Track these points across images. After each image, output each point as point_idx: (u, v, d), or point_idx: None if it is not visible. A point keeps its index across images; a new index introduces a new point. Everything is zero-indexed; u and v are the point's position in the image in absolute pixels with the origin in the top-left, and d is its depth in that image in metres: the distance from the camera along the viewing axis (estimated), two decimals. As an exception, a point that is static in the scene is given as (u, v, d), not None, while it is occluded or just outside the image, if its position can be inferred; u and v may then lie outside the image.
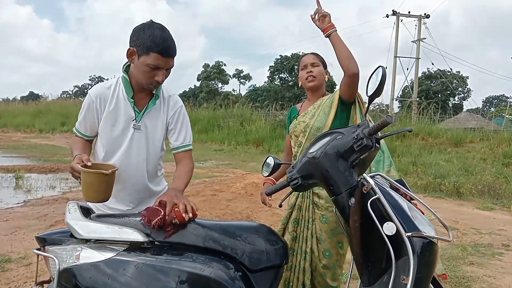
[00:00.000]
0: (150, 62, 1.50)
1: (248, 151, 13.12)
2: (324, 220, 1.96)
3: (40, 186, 6.74)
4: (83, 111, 1.68)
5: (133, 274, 1.26)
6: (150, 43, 1.49)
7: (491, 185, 7.19)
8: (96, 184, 1.41)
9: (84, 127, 1.71)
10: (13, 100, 37.77)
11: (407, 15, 25.05)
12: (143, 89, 1.64)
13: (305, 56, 2.18)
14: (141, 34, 1.51)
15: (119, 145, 1.67)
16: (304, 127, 2.07)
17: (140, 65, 1.53)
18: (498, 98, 62.25)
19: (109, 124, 1.65)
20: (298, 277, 1.97)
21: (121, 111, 1.64)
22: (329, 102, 2.04)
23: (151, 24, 1.54)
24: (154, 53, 1.49)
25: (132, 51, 1.54)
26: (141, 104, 1.67)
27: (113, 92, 1.64)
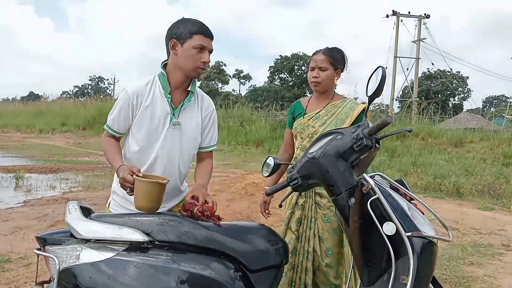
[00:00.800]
0: (196, 43, 1.61)
1: (248, 151, 13.13)
2: (326, 219, 1.97)
3: (40, 186, 6.74)
4: (117, 107, 1.69)
5: (133, 274, 1.26)
6: (192, 26, 1.61)
7: (491, 185, 7.19)
8: (152, 193, 1.46)
9: (118, 124, 1.70)
10: (13, 100, 37.78)
11: (407, 15, 25.05)
12: (180, 85, 1.70)
13: (317, 54, 2.05)
14: (181, 25, 1.63)
15: (155, 140, 1.69)
16: (313, 133, 2.03)
17: (185, 50, 1.62)
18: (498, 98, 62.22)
19: (145, 120, 1.68)
20: (300, 277, 1.98)
21: (157, 107, 1.68)
22: (345, 116, 2.01)
23: (184, 18, 1.67)
24: (198, 35, 1.61)
25: (174, 42, 1.63)
26: (177, 101, 1.71)
27: (150, 89, 1.68)
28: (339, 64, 2.04)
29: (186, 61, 1.63)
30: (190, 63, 1.63)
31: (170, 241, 1.35)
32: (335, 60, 2.02)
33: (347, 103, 2.06)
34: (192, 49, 1.61)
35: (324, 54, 2.02)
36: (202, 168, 1.81)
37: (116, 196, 1.77)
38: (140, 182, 1.46)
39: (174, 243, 1.35)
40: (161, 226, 1.36)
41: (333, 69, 2.02)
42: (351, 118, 1.99)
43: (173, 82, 1.69)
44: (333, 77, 2.04)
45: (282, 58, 42.54)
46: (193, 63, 1.63)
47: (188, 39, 1.61)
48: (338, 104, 2.06)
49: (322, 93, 2.10)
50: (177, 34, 1.63)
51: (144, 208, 1.47)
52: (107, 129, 1.72)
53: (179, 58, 1.64)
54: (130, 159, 1.72)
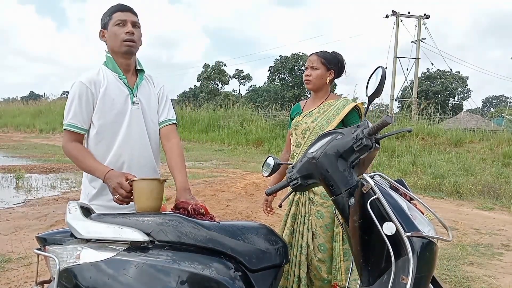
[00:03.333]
0: (115, 20, 1.68)
1: (248, 151, 13.12)
2: (319, 216, 2.03)
3: (40, 186, 6.74)
4: (74, 102, 1.65)
5: (133, 274, 1.27)
6: (109, 9, 1.72)
7: (491, 185, 7.19)
8: (153, 192, 1.46)
9: (82, 119, 1.65)
10: (14, 100, 37.75)
11: (407, 15, 25.04)
12: (127, 67, 1.74)
13: (311, 55, 2.18)
14: (103, 15, 1.73)
15: (119, 124, 1.69)
16: (305, 129, 2.13)
17: (110, 32, 1.70)
18: (498, 98, 62.29)
19: (106, 105, 1.67)
20: (295, 270, 2.04)
21: (116, 90, 1.69)
22: (336, 112, 2.09)
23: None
24: (115, 13, 1.70)
25: (101, 31, 1.74)
26: (131, 81, 1.75)
27: (103, 76, 1.70)
28: (331, 65, 2.13)
29: (113, 41, 1.70)
30: (116, 40, 1.69)
31: (170, 241, 1.35)
32: (327, 61, 2.12)
33: (340, 101, 2.15)
34: (113, 27, 1.69)
35: (317, 54, 2.15)
36: (173, 154, 1.75)
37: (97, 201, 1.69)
38: (140, 183, 1.45)
39: (174, 243, 1.35)
40: (161, 226, 1.36)
41: (324, 69, 2.12)
42: (342, 114, 2.07)
43: (120, 64, 1.73)
44: (324, 76, 2.13)
45: (282, 58, 42.53)
46: (118, 39, 1.68)
47: (109, 22, 1.70)
48: (331, 103, 2.15)
49: (316, 92, 2.19)
50: (102, 23, 1.74)
51: (146, 208, 1.46)
52: (71, 130, 1.65)
53: (109, 42, 1.72)
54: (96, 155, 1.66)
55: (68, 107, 1.67)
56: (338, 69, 2.16)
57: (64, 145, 1.67)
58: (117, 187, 1.48)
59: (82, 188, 1.78)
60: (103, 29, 1.73)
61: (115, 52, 1.72)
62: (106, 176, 1.53)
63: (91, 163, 1.61)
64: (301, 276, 2.02)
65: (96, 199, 1.70)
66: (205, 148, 13.98)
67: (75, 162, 1.65)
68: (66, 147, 1.66)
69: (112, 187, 1.49)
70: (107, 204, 1.66)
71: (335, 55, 2.16)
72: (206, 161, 10.84)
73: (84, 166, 1.63)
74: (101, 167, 1.59)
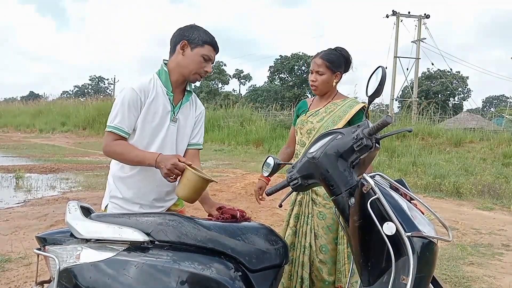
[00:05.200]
0: (205, 52, 1.70)
1: (248, 151, 13.12)
2: (321, 217, 2.02)
3: (40, 186, 6.74)
4: (124, 106, 1.67)
5: (133, 274, 1.27)
6: (205, 37, 1.71)
7: (491, 185, 7.19)
8: (198, 186, 1.54)
9: (128, 123, 1.68)
10: (14, 100, 37.77)
11: (407, 15, 25.05)
12: (179, 85, 1.77)
13: (315, 57, 2.11)
14: (194, 31, 1.71)
15: (155, 137, 1.74)
16: (311, 128, 2.10)
17: (194, 55, 1.70)
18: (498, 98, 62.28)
19: (149, 115, 1.70)
20: (298, 271, 2.03)
21: (159, 104, 1.72)
22: (342, 113, 2.06)
23: (197, 25, 1.76)
24: (208, 45, 1.71)
25: (185, 43, 1.70)
26: (176, 99, 1.78)
27: (153, 86, 1.72)
28: (337, 67, 2.08)
29: (190, 64, 1.70)
30: (194, 67, 1.71)
31: (170, 241, 1.35)
32: (333, 64, 2.06)
33: (347, 102, 2.12)
34: (200, 56, 1.70)
35: (322, 58, 2.08)
36: None
37: (116, 199, 1.75)
38: (192, 175, 1.52)
39: (174, 243, 1.35)
40: (161, 226, 1.36)
41: (330, 73, 2.07)
42: (349, 115, 2.04)
43: (174, 81, 1.75)
44: (331, 80, 2.09)
45: (282, 58, 42.53)
46: (196, 69, 1.71)
47: (199, 46, 1.69)
48: (338, 103, 2.12)
49: (321, 95, 2.17)
50: (189, 37, 1.70)
51: (186, 198, 1.56)
52: (116, 132, 1.67)
53: (185, 60, 1.70)
54: None
55: (116, 110, 1.69)
56: (344, 67, 2.12)
57: (106, 144, 1.68)
58: (172, 168, 1.53)
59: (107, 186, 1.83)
60: (188, 43, 1.69)
61: (182, 70, 1.72)
62: (157, 160, 1.58)
63: (138, 152, 1.66)
64: (303, 277, 2.01)
65: (115, 197, 1.76)
66: (205, 148, 13.95)
67: (121, 157, 1.68)
68: (110, 146, 1.68)
69: (167, 168, 1.53)
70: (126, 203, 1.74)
71: (340, 53, 2.09)
72: (206, 161, 10.84)
73: (131, 158, 1.65)
74: (149, 154, 1.63)
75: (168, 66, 1.75)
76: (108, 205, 1.77)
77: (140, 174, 1.73)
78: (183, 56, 1.70)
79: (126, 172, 1.74)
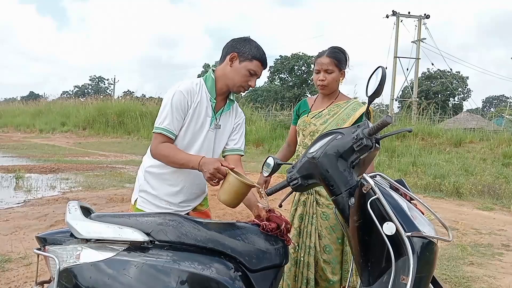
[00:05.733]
0: (252, 67, 1.73)
1: (248, 151, 13.11)
2: (325, 217, 2.02)
3: (40, 186, 6.73)
4: (173, 109, 1.69)
5: (133, 274, 1.27)
6: (256, 52, 1.73)
7: (491, 185, 7.18)
8: (241, 192, 1.53)
9: (176, 126, 1.71)
10: (14, 100, 37.77)
11: (407, 15, 25.04)
12: (222, 93, 1.81)
13: (321, 57, 2.07)
14: (246, 44, 1.75)
15: (195, 140, 1.77)
16: (314, 131, 2.08)
17: (240, 68, 1.73)
18: (498, 99, 62.29)
19: (193, 119, 1.74)
20: (303, 272, 2.02)
21: (203, 109, 1.76)
22: (346, 116, 2.05)
23: (251, 38, 1.80)
24: (257, 61, 1.74)
25: (234, 55, 1.73)
26: (218, 106, 1.81)
27: (199, 90, 1.76)
28: (343, 65, 2.08)
29: (236, 77, 1.74)
30: (239, 80, 1.74)
31: (170, 241, 1.35)
32: (339, 62, 2.05)
33: (350, 104, 2.10)
34: (246, 70, 1.73)
35: (329, 56, 2.05)
36: None
37: (145, 194, 1.79)
38: (235, 180, 1.50)
39: (174, 243, 1.35)
40: (161, 226, 1.36)
41: (338, 71, 2.06)
42: (353, 118, 2.03)
43: (219, 89, 1.79)
44: (338, 78, 2.08)
45: (282, 58, 42.51)
46: (240, 82, 1.75)
47: (247, 60, 1.72)
48: (341, 105, 2.10)
49: (327, 94, 2.14)
50: (240, 50, 1.73)
51: (228, 202, 1.55)
52: (166, 134, 1.69)
53: (232, 71, 1.74)
54: None
55: (165, 113, 1.70)
56: (345, 66, 2.11)
57: (155, 147, 1.70)
58: (215, 172, 1.53)
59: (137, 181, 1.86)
60: (238, 56, 1.73)
61: (228, 80, 1.76)
62: (200, 163, 1.59)
63: (184, 155, 1.67)
64: (309, 277, 2.00)
65: (145, 192, 1.79)
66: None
67: (166, 159, 1.69)
68: (158, 148, 1.70)
69: (210, 172, 1.53)
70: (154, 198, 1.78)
71: (341, 51, 2.08)
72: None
73: (176, 160, 1.67)
74: (194, 157, 1.65)
75: (215, 73, 1.79)
76: (137, 199, 1.80)
77: (173, 174, 1.75)
78: (231, 67, 1.74)
79: (159, 169, 1.76)
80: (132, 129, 17.49)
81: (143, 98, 25.63)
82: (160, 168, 1.76)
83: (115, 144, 15.15)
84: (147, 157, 1.81)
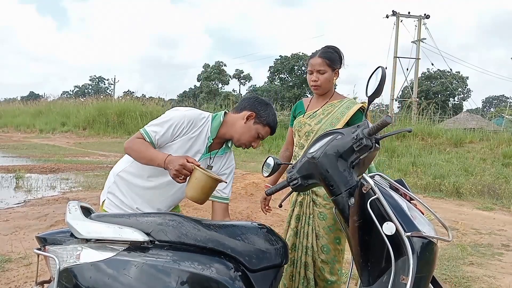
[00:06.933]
0: (262, 132, 1.80)
1: (248, 151, 13.10)
2: (322, 217, 2.02)
3: (40, 186, 6.74)
4: (167, 124, 1.71)
5: (133, 274, 1.27)
6: (271, 120, 1.81)
7: (491, 185, 7.18)
8: (207, 186, 1.54)
9: (158, 139, 1.71)
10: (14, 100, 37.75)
11: (407, 15, 25.05)
12: (223, 138, 1.83)
13: (313, 58, 2.08)
14: (267, 109, 1.81)
15: None
16: (309, 131, 2.09)
17: (251, 128, 1.78)
18: (498, 99, 62.34)
19: (185, 147, 1.75)
20: (300, 272, 2.03)
21: (197, 143, 1.77)
22: (340, 114, 2.05)
23: (271, 104, 1.86)
24: (269, 128, 1.81)
25: (252, 115, 1.78)
26: (212, 148, 1.83)
27: (202, 124, 1.78)
28: (336, 64, 2.07)
29: (245, 135, 1.79)
30: (246, 139, 1.79)
31: (170, 241, 1.35)
32: (332, 61, 2.05)
33: (344, 103, 2.10)
34: (257, 133, 1.79)
35: (321, 57, 2.05)
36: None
37: (112, 196, 1.79)
38: (201, 174, 1.52)
39: (174, 243, 1.35)
40: (161, 226, 1.36)
41: (331, 71, 2.06)
42: (347, 116, 2.03)
43: (221, 133, 1.80)
44: (331, 78, 2.07)
45: (282, 58, 42.55)
46: (246, 141, 1.80)
47: (261, 124, 1.79)
48: (335, 104, 2.10)
49: (322, 95, 2.15)
50: (259, 112, 1.79)
51: (195, 198, 1.55)
52: (144, 136, 1.71)
53: (244, 128, 1.78)
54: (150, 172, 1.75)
55: (159, 122, 1.73)
56: (340, 66, 2.11)
57: (130, 140, 1.73)
58: (180, 168, 1.54)
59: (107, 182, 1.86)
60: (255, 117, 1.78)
61: (234, 133, 1.79)
62: (166, 161, 1.59)
63: (152, 152, 1.67)
64: (308, 277, 2.01)
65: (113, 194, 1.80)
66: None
67: (135, 153, 1.70)
68: (133, 141, 1.72)
69: (175, 169, 1.54)
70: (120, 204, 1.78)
71: (335, 50, 2.08)
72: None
73: (144, 156, 1.68)
74: (161, 154, 1.64)
75: (226, 118, 1.81)
76: (105, 200, 1.81)
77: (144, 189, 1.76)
78: (244, 124, 1.78)
79: (132, 178, 1.77)
80: (132, 129, 17.47)
81: (143, 98, 25.61)
82: (133, 177, 1.76)
83: (115, 144, 15.13)
84: (122, 161, 1.83)
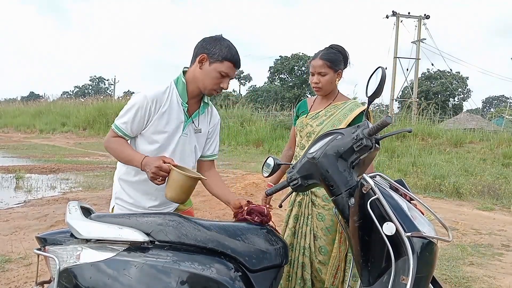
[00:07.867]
0: (223, 69, 1.65)
1: (248, 152, 13.12)
2: (320, 218, 2.01)
3: (40, 186, 6.74)
4: (131, 111, 1.65)
5: (133, 274, 1.27)
6: (226, 53, 1.64)
7: (491, 185, 7.19)
8: (185, 186, 1.52)
9: (130, 128, 1.67)
10: (14, 100, 37.76)
11: (407, 15, 25.06)
12: (195, 96, 1.74)
13: (314, 59, 2.06)
14: (217, 44, 1.65)
15: (166, 146, 1.72)
16: (310, 132, 2.07)
17: (210, 71, 1.65)
18: (498, 99, 62.33)
19: (160, 126, 1.68)
20: (297, 272, 2.02)
21: (173, 115, 1.70)
22: (342, 116, 2.04)
23: (222, 37, 1.70)
24: (228, 62, 1.65)
25: (204, 57, 1.66)
26: (191, 109, 1.76)
27: (168, 95, 1.70)
28: (338, 65, 2.05)
29: (206, 80, 1.67)
30: (210, 83, 1.67)
31: (171, 241, 1.35)
32: (333, 63, 2.03)
33: (348, 105, 2.08)
34: (217, 72, 1.65)
35: (322, 59, 2.03)
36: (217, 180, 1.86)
37: (121, 201, 1.77)
38: (178, 174, 1.50)
39: (174, 243, 1.35)
40: (161, 226, 1.36)
41: (333, 72, 2.04)
42: (349, 119, 2.01)
43: (190, 92, 1.72)
44: (334, 79, 2.05)
45: (282, 59, 42.51)
46: (211, 85, 1.68)
47: (218, 62, 1.64)
48: (339, 105, 2.09)
49: (324, 96, 2.13)
50: (210, 51, 1.65)
51: (175, 199, 1.54)
52: (116, 131, 1.68)
53: (202, 74, 1.67)
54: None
55: (125, 112, 1.68)
56: (344, 66, 2.09)
57: (106, 139, 1.71)
58: (157, 171, 1.51)
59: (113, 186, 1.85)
60: (208, 57, 1.65)
61: (198, 83, 1.69)
62: (142, 163, 1.57)
63: (129, 153, 1.65)
64: (305, 278, 2.00)
65: (121, 199, 1.77)
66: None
67: (114, 153, 1.68)
68: (108, 141, 1.70)
69: (152, 171, 1.52)
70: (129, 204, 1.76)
71: (337, 50, 2.06)
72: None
73: (122, 157, 1.66)
74: (138, 156, 1.62)
75: (186, 76, 1.72)
76: (114, 206, 1.79)
77: (146, 182, 1.70)
78: (201, 70, 1.67)
79: (132, 176, 1.75)
80: (132, 129, 17.47)
81: (143, 98, 25.55)
82: (134, 176, 1.74)
83: (115, 144, 15.12)
84: (120, 164, 1.79)
